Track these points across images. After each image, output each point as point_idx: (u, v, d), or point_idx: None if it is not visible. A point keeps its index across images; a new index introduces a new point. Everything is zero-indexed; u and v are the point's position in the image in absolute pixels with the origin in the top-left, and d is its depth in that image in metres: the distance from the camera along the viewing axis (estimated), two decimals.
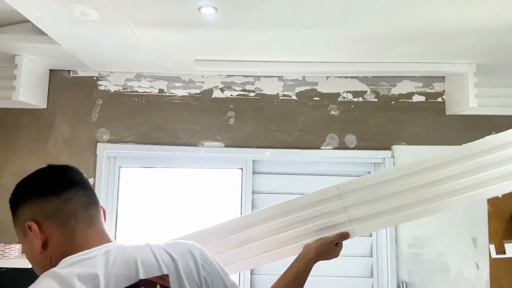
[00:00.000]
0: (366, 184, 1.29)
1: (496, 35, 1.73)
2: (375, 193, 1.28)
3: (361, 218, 1.28)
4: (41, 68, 2.28)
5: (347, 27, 1.68)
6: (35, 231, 0.85)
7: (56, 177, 0.90)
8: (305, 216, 1.29)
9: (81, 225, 0.87)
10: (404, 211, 1.27)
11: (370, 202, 1.28)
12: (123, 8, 1.52)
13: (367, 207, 1.28)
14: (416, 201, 1.27)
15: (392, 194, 1.28)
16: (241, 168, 2.32)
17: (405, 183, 1.28)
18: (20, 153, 2.29)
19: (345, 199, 1.29)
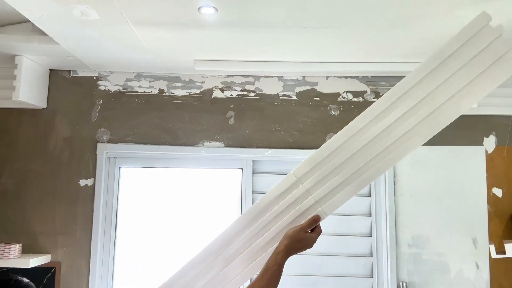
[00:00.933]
0: (319, 160, 1.26)
1: None
2: (330, 166, 1.25)
3: (325, 195, 1.25)
4: (41, 68, 2.28)
5: (347, 27, 1.68)
6: None
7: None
8: (274, 213, 1.27)
9: None
10: (364, 172, 1.23)
11: (328, 176, 1.25)
12: (123, 8, 1.52)
13: (328, 182, 1.25)
14: (373, 157, 1.23)
15: (347, 160, 1.24)
16: (241, 168, 2.32)
17: (353, 146, 1.24)
18: (20, 153, 2.29)
19: (305, 182, 1.27)
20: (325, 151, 1.27)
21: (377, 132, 1.23)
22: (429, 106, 1.23)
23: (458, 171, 2.25)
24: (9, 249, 2.03)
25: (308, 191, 1.27)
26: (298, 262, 2.23)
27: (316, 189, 1.26)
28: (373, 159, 1.23)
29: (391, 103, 1.24)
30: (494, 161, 2.28)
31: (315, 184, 1.26)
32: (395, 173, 2.26)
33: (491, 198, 2.25)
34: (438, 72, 1.25)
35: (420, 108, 1.23)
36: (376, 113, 1.24)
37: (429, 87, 1.24)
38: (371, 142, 1.23)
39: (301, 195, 1.27)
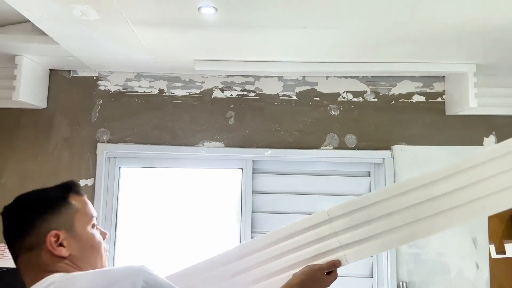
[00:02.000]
0: (356, 207, 1.23)
1: (496, 35, 1.73)
2: (365, 216, 1.20)
3: (352, 243, 1.21)
4: (41, 68, 2.28)
5: (347, 27, 1.68)
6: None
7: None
8: (295, 244, 1.24)
9: None
10: (397, 233, 1.19)
11: (361, 225, 1.21)
12: (123, 8, 1.52)
13: (358, 230, 1.21)
14: (409, 222, 1.19)
15: (383, 216, 1.21)
16: (241, 168, 2.32)
17: (396, 203, 1.21)
18: (20, 153, 2.30)
19: (335, 223, 1.23)
20: (366, 200, 1.23)
21: (423, 199, 1.19)
22: (482, 190, 1.18)
23: None
24: None
25: (336, 234, 1.22)
26: None
27: (344, 234, 1.22)
28: (409, 224, 1.19)
29: (446, 175, 1.21)
30: None
31: (345, 229, 1.22)
32: (395, 173, 2.26)
33: None
34: (502, 161, 1.20)
35: (472, 189, 1.19)
36: (428, 181, 1.21)
37: (488, 171, 1.19)
38: (414, 207, 1.20)
39: (328, 235, 1.23)
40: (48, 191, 1.00)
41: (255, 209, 2.29)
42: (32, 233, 0.92)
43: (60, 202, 0.97)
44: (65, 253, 0.92)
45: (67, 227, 0.94)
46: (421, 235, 1.20)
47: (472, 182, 1.19)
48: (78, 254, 0.94)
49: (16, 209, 0.96)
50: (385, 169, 2.26)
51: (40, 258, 0.91)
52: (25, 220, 0.93)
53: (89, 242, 0.98)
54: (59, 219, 0.94)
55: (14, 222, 0.94)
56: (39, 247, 0.91)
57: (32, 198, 0.97)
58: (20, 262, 0.93)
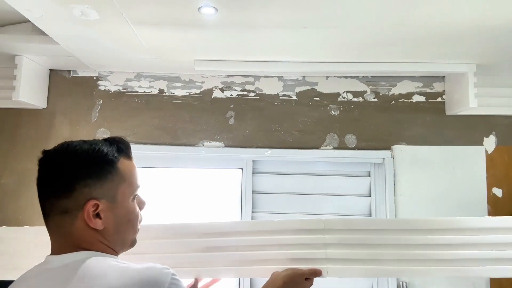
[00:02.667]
0: (354, 227, 1.24)
1: (496, 35, 1.73)
2: (360, 239, 1.22)
3: (338, 260, 1.22)
4: (41, 68, 2.28)
5: (347, 27, 1.68)
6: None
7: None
8: (282, 241, 1.24)
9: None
10: (384, 265, 1.20)
11: (352, 246, 1.22)
12: (123, 8, 1.52)
13: (348, 251, 1.22)
14: (399, 259, 1.21)
15: (377, 245, 1.22)
16: (241, 168, 2.32)
17: (395, 238, 1.22)
18: (20, 153, 2.29)
19: (328, 236, 1.23)
20: (365, 224, 1.24)
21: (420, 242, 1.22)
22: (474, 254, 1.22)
23: (458, 171, 2.25)
24: None
25: (326, 246, 1.23)
26: None
27: (333, 249, 1.23)
28: (402, 261, 1.21)
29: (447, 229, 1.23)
30: (494, 161, 2.28)
31: (336, 244, 1.23)
32: (395, 173, 2.26)
33: (491, 198, 2.24)
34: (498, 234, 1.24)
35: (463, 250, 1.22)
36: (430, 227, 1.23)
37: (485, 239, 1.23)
38: (409, 247, 1.21)
39: (317, 244, 1.23)
40: (99, 150, 0.87)
41: (255, 209, 2.29)
42: (70, 196, 0.83)
43: (109, 168, 0.87)
44: (100, 226, 0.84)
45: (108, 197, 0.86)
46: (406, 275, 1.22)
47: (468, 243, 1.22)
48: (112, 228, 0.86)
49: (58, 162, 0.86)
50: (385, 169, 2.26)
51: (72, 226, 0.83)
52: (66, 179, 0.84)
53: (127, 216, 0.90)
54: (102, 188, 0.85)
55: (53, 176, 0.85)
56: (74, 213, 0.83)
57: (80, 155, 0.86)
58: (50, 222, 0.86)
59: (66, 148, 0.87)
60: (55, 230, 0.85)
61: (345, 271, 1.21)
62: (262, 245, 1.24)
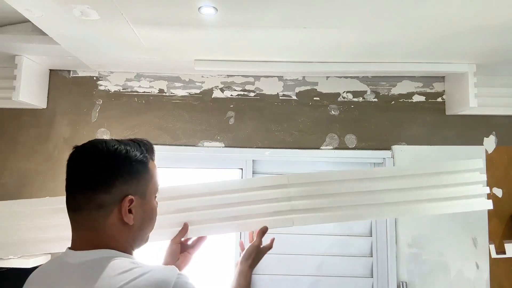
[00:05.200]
0: (314, 180, 1.38)
1: (496, 35, 1.73)
2: (319, 190, 1.37)
3: (302, 210, 1.35)
4: (41, 68, 2.28)
5: (347, 27, 1.68)
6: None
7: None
8: (250, 198, 1.34)
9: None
10: (341, 211, 1.37)
11: (314, 196, 1.37)
12: (123, 8, 1.52)
13: (310, 201, 1.36)
14: (350, 205, 1.38)
15: (334, 194, 1.38)
16: (241, 168, 2.32)
17: (349, 186, 1.39)
18: (20, 153, 2.30)
19: (292, 189, 1.36)
20: (324, 177, 1.40)
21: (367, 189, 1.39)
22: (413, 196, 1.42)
23: None
24: None
25: (289, 198, 1.36)
26: (298, 262, 2.23)
27: (297, 200, 1.37)
28: (350, 207, 1.38)
29: (390, 175, 1.43)
30: (494, 161, 2.28)
31: (300, 196, 1.37)
32: None
33: (491, 198, 2.23)
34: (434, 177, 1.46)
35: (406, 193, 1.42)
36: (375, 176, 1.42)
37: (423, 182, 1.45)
38: (359, 194, 1.39)
39: (282, 197, 1.36)
40: (134, 151, 0.91)
41: None
42: (110, 191, 0.85)
43: (142, 167, 0.92)
44: (132, 221, 0.87)
45: (140, 194, 0.90)
46: (355, 218, 1.42)
47: (407, 187, 1.42)
48: (138, 224, 0.90)
49: (99, 158, 0.87)
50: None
51: (105, 221, 0.85)
52: (107, 175, 0.86)
53: (152, 213, 0.95)
54: (138, 184, 0.89)
55: (93, 171, 0.86)
56: (110, 208, 0.85)
57: (119, 153, 0.88)
58: (81, 216, 0.86)
59: (105, 146, 0.89)
60: (85, 224, 0.86)
61: (308, 219, 1.36)
62: (230, 203, 1.35)
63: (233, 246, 2.24)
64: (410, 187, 1.41)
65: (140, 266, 0.83)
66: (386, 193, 1.39)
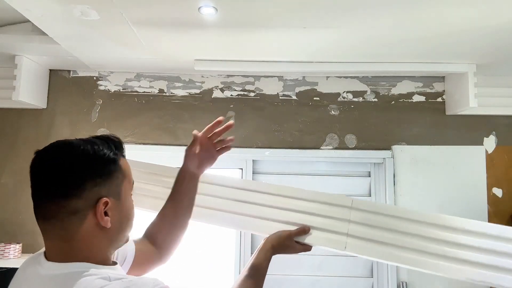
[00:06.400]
0: (380, 211, 1.28)
1: (496, 35, 1.73)
2: (385, 223, 1.26)
3: (359, 237, 1.25)
4: (41, 68, 2.28)
5: (347, 27, 1.68)
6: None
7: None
8: (308, 209, 1.29)
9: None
10: (402, 252, 1.23)
11: (376, 228, 1.26)
12: (123, 8, 1.52)
13: (371, 230, 1.25)
14: (420, 250, 1.23)
15: (401, 232, 1.25)
16: (241, 168, 2.32)
17: (418, 229, 1.25)
18: (20, 153, 2.29)
19: (354, 213, 1.27)
20: (393, 211, 1.29)
21: (443, 238, 1.23)
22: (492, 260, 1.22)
23: (458, 171, 2.25)
24: (9, 249, 2.02)
25: (349, 222, 1.27)
26: (298, 262, 2.23)
27: (357, 226, 1.26)
28: (421, 252, 1.23)
29: (475, 232, 1.25)
30: (494, 161, 2.28)
31: (361, 223, 1.26)
32: (395, 173, 2.26)
33: (491, 198, 2.25)
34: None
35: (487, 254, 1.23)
36: (456, 227, 1.25)
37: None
38: (431, 241, 1.23)
39: (342, 218, 1.27)
40: (102, 149, 0.85)
41: None
42: (81, 195, 0.80)
43: (113, 166, 0.86)
44: (109, 224, 0.82)
45: (115, 195, 0.85)
46: (422, 267, 1.22)
47: (491, 249, 1.22)
48: (117, 226, 0.85)
49: (63, 161, 0.81)
50: (385, 169, 2.26)
51: (80, 227, 0.80)
52: (75, 179, 0.80)
53: (128, 213, 0.90)
54: (110, 185, 0.84)
55: (60, 176, 0.80)
56: (84, 213, 0.80)
57: (86, 154, 0.82)
58: (52, 225, 0.82)
59: (69, 148, 0.83)
60: (56, 234, 0.82)
61: (363, 249, 1.24)
62: (286, 208, 1.29)
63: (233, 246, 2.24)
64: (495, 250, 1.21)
65: (111, 282, 0.77)
66: (463, 249, 1.22)
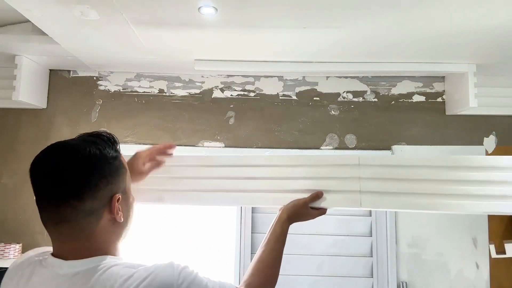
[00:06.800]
0: (388, 163, 1.28)
1: (496, 35, 1.73)
2: (394, 174, 1.26)
3: (372, 192, 1.25)
4: (41, 68, 2.28)
5: (347, 27, 1.68)
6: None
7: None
8: (318, 174, 1.27)
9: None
10: (415, 198, 1.24)
11: (386, 180, 1.26)
12: (123, 8, 1.52)
13: (383, 183, 1.25)
14: (431, 193, 1.23)
15: (410, 180, 1.25)
16: None
17: (427, 173, 1.25)
18: (20, 153, 2.29)
19: (363, 170, 1.27)
20: (399, 161, 1.29)
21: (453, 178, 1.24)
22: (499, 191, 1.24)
23: None
24: (9, 249, 2.03)
25: (360, 179, 1.26)
26: (298, 262, 2.23)
27: (368, 182, 1.26)
28: (432, 195, 1.23)
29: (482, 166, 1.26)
30: None
31: (371, 178, 1.26)
32: None
33: None
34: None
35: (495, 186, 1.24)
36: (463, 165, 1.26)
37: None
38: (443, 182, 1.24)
39: (352, 177, 1.26)
40: (104, 148, 0.88)
41: (255, 209, 2.29)
42: (96, 196, 0.81)
43: (117, 162, 0.89)
44: (122, 219, 0.85)
45: (122, 190, 0.87)
46: (437, 208, 1.24)
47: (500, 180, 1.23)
48: (125, 220, 0.88)
49: (71, 165, 0.81)
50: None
51: (97, 226, 0.82)
52: (89, 181, 0.81)
53: (131, 205, 0.92)
54: (119, 181, 0.87)
55: (71, 181, 0.80)
56: (100, 211, 0.82)
57: (95, 154, 0.84)
58: (68, 228, 0.81)
59: (74, 151, 0.84)
60: (72, 235, 0.81)
61: (378, 202, 1.24)
62: (295, 177, 1.28)
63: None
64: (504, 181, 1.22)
65: (137, 269, 0.80)
66: (472, 185, 1.23)
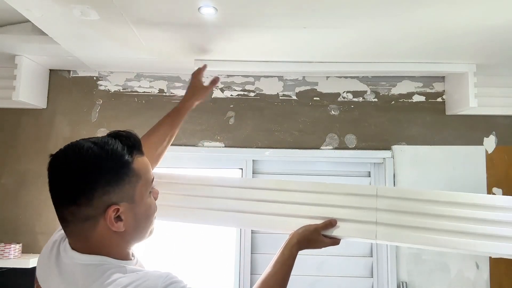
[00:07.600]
0: (407, 196, 1.26)
1: (496, 35, 1.73)
2: (412, 207, 1.24)
3: (389, 225, 1.22)
4: (41, 68, 2.28)
5: (347, 27, 1.68)
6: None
7: None
8: (333, 201, 1.26)
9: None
10: (434, 234, 1.21)
11: (404, 213, 1.24)
12: (123, 8, 1.52)
13: (400, 217, 1.23)
14: (450, 230, 1.21)
15: (429, 215, 1.23)
16: (241, 168, 2.32)
17: (448, 210, 1.23)
18: (20, 153, 2.29)
19: (381, 201, 1.25)
20: (418, 195, 1.26)
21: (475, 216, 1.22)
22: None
23: (458, 171, 2.25)
24: (9, 249, 2.02)
25: (377, 210, 1.25)
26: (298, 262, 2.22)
27: (385, 214, 1.24)
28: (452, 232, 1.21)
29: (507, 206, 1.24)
30: (494, 161, 2.28)
31: (389, 210, 1.24)
32: (395, 173, 2.26)
33: None
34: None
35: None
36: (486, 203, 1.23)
37: None
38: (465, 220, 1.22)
39: (369, 208, 1.25)
40: (113, 153, 0.83)
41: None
42: (90, 204, 0.81)
43: (125, 171, 0.84)
44: (122, 228, 0.84)
45: (128, 199, 0.85)
46: (455, 246, 1.20)
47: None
48: (132, 227, 0.86)
49: (72, 170, 0.81)
50: (385, 169, 2.26)
51: (94, 231, 0.83)
52: (84, 188, 0.80)
53: (146, 213, 0.90)
54: (121, 191, 0.83)
55: (69, 185, 0.81)
56: (96, 218, 0.82)
57: (95, 161, 0.81)
58: (71, 228, 0.84)
59: (78, 153, 0.82)
60: (74, 234, 0.85)
61: (395, 236, 1.22)
62: (309, 203, 1.27)
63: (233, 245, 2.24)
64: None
65: (125, 276, 0.81)
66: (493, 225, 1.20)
